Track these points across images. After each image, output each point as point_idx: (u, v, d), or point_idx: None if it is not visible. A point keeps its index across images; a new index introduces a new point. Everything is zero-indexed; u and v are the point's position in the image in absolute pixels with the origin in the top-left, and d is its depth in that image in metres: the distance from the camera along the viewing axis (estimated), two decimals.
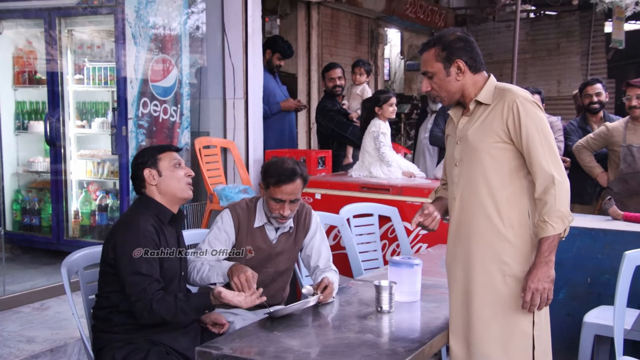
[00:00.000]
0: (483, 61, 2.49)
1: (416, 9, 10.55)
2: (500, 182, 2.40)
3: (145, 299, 2.48)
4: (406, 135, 11.35)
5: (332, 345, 2.33)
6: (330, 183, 4.82)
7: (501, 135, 2.38)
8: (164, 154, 2.70)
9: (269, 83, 5.97)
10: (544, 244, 2.32)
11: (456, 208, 2.51)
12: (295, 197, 2.93)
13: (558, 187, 2.30)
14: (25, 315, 3.86)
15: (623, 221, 3.90)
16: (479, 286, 2.44)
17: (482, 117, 2.43)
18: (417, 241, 4.46)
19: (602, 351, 3.46)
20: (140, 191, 2.70)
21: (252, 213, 3.03)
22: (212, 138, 5.78)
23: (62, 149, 5.04)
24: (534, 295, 2.32)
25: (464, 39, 2.45)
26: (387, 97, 4.98)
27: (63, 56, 5.04)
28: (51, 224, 5.12)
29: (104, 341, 2.63)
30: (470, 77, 2.45)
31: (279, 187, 2.89)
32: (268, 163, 3.03)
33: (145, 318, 2.51)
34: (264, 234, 3.03)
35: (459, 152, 2.50)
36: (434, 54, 2.44)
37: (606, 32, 11.82)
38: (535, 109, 2.37)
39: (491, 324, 2.43)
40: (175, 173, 2.68)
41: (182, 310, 2.50)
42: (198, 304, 2.54)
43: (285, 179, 2.89)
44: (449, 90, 2.47)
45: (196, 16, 5.74)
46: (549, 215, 2.30)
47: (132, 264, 2.51)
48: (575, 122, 5.42)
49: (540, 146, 2.33)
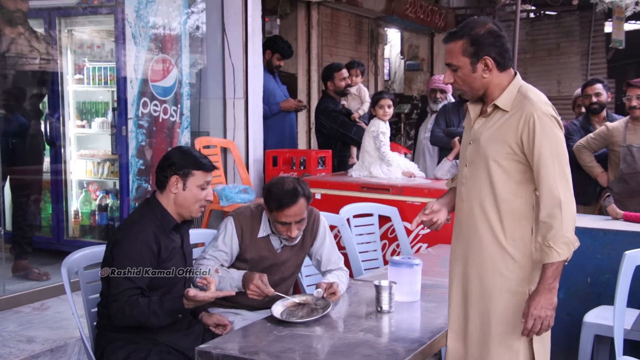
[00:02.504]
0: (511, 57, 2.36)
1: (416, 8, 10.55)
2: (507, 194, 2.32)
3: (121, 301, 2.51)
4: (406, 135, 11.34)
5: (332, 345, 2.33)
6: (330, 183, 4.81)
7: (514, 148, 2.29)
8: (200, 172, 2.68)
9: (269, 83, 5.97)
10: (549, 270, 2.22)
11: (461, 209, 2.46)
12: (300, 217, 2.86)
13: (565, 212, 2.20)
14: (25, 315, 3.85)
15: (623, 221, 3.90)
16: (474, 294, 2.40)
17: (498, 122, 2.33)
18: (417, 241, 4.46)
19: (602, 351, 3.46)
20: (159, 186, 2.70)
21: (257, 222, 2.97)
22: (212, 138, 5.78)
23: (62, 148, 5.04)
24: (535, 322, 2.24)
25: (495, 33, 2.31)
26: (377, 98, 5.02)
27: (63, 56, 5.04)
28: (51, 224, 5.12)
29: (107, 339, 2.64)
30: (497, 76, 2.33)
31: (282, 212, 2.82)
32: (269, 185, 2.93)
33: (119, 319, 2.54)
34: (268, 243, 2.98)
35: (470, 153, 2.42)
36: (461, 47, 2.31)
37: (606, 32, 11.82)
38: (553, 126, 2.26)
39: (489, 333, 2.38)
40: (198, 194, 2.69)
41: (154, 313, 2.51)
42: (170, 307, 2.54)
43: (287, 202, 2.81)
44: (472, 86, 2.36)
45: (196, 16, 5.74)
46: (555, 241, 2.20)
47: (122, 267, 2.53)
48: (577, 122, 5.41)
49: (551, 167, 2.23)
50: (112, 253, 2.59)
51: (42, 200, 5.18)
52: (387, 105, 4.95)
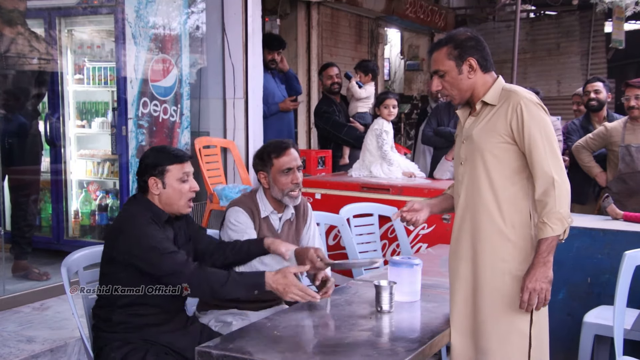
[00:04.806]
0: (492, 62, 2.52)
1: (416, 9, 10.55)
2: (503, 182, 2.43)
3: (186, 273, 2.46)
4: (406, 135, 11.34)
5: (332, 345, 2.33)
6: (330, 183, 4.82)
7: (504, 136, 2.40)
8: (174, 166, 2.65)
9: (268, 83, 5.97)
10: (543, 244, 2.34)
11: (460, 206, 2.55)
12: (299, 164, 3.02)
13: (558, 189, 2.32)
14: (25, 315, 3.86)
15: (623, 221, 3.90)
16: (483, 282, 2.47)
17: (487, 117, 2.46)
18: (417, 241, 4.46)
19: (602, 351, 3.45)
20: (142, 192, 2.69)
21: (257, 205, 3.05)
22: (212, 138, 5.79)
23: (62, 148, 5.04)
24: (531, 295, 2.34)
25: (475, 38, 2.49)
26: (382, 98, 5.10)
27: (63, 56, 5.04)
28: (51, 224, 5.12)
29: (103, 341, 2.62)
30: (481, 77, 2.48)
31: (284, 155, 2.98)
32: (259, 149, 3.11)
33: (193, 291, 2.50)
34: (269, 224, 3.05)
35: (464, 151, 2.53)
36: (446, 53, 2.47)
37: (606, 32, 11.83)
38: (539, 111, 2.39)
39: (491, 320, 2.46)
40: (180, 187, 2.66)
41: (234, 280, 2.48)
42: (249, 280, 2.51)
43: (285, 146, 3.01)
44: (460, 88, 2.49)
45: (196, 16, 5.74)
46: (549, 217, 2.31)
47: (152, 249, 2.49)
48: (577, 122, 5.42)
49: (542, 148, 2.35)
50: (127, 252, 2.52)
51: (41, 200, 5.19)
52: (392, 105, 5.00)
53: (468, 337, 2.52)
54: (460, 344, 2.53)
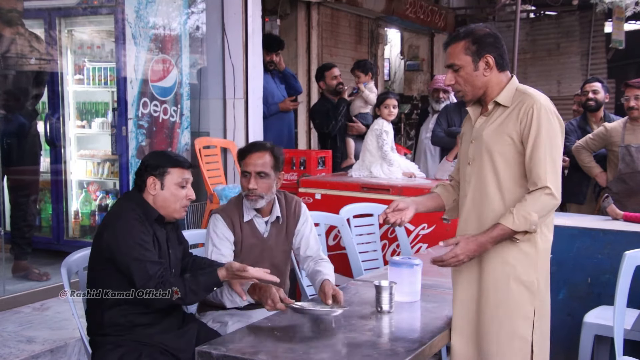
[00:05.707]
0: (508, 61, 2.48)
1: (416, 9, 10.56)
2: (511, 184, 2.39)
3: (155, 283, 2.45)
4: (406, 135, 11.35)
5: (332, 345, 2.33)
6: (330, 183, 4.82)
7: (514, 138, 2.36)
8: (175, 169, 2.65)
9: (268, 84, 5.97)
10: (496, 230, 2.33)
11: (466, 206, 2.50)
12: (261, 170, 2.92)
13: (544, 197, 2.30)
14: (25, 315, 3.85)
15: (623, 221, 3.90)
16: (486, 285, 2.44)
17: (499, 118, 2.42)
18: (417, 241, 4.46)
19: (602, 351, 3.45)
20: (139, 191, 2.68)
21: (240, 209, 3.02)
22: (212, 138, 5.79)
23: (62, 149, 5.04)
24: (451, 258, 2.36)
25: (494, 35, 2.44)
26: (382, 98, 5.08)
27: (63, 56, 5.04)
28: (51, 224, 5.12)
29: (96, 344, 2.61)
30: (496, 75, 2.43)
31: (245, 159, 2.95)
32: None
33: (157, 303, 2.49)
34: (253, 227, 3.02)
35: (473, 151, 2.48)
36: (463, 47, 2.41)
37: (606, 32, 11.83)
38: (552, 118, 2.35)
39: (493, 324, 2.43)
40: (178, 192, 2.65)
41: (191, 291, 2.48)
42: (205, 281, 2.52)
43: (251, 148, 2.97)
44: (474, 84, 2.44)
45: (196, 16, 5.74)
46: (517, 210, 2.30)
47: (131, 251, 2.48)
48: (575, 122, 5.42)
49: (543, 155, 2.31)
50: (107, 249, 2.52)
51: (41, 200, 5.19)
52: (392, 106, 4.99)
53: (469, 340, 2.50)
54: (461, 346, 2.51)
